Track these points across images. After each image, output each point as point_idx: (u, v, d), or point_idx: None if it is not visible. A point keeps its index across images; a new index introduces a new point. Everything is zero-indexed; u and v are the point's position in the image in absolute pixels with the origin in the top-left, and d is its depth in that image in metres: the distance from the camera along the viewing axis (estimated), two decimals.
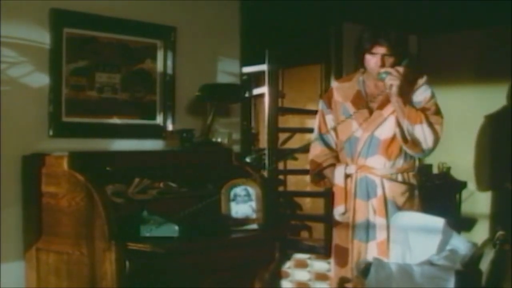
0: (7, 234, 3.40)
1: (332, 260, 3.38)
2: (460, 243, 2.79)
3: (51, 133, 3.59)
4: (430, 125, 3.06)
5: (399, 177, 3.18)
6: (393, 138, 3.15)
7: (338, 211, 3.27)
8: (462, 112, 5.64)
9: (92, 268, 3.16)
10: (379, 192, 3.15)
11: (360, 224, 3.17)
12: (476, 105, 5.79)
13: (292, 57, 5.97)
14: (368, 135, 3.17)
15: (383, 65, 3.11)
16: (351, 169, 3.22)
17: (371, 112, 3.20)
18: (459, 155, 5.74)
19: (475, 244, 2.80)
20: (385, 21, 3.26)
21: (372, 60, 3.14)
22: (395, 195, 3.16)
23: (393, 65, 3.11)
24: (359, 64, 3.26)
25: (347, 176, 3.23)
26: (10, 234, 3.42)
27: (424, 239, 2.83)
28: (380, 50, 3.11)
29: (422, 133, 3.05)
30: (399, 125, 3.09)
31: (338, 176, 3.26)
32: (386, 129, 3.15)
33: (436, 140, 3.09)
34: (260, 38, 4.98)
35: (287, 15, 5.33)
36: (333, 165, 3.33)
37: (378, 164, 3.17)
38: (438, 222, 2.81)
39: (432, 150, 3.13)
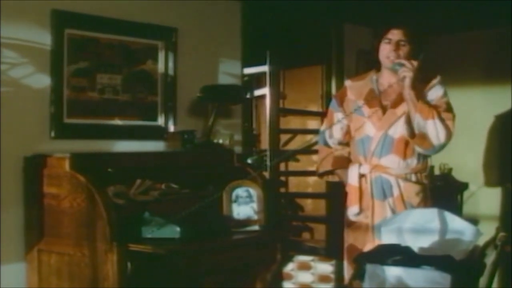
0: (8, 235, 3.39)
1: (345, 261, 3.33)
2: (463, 227, 2.70)
3: (52, 134, 3.58)
4: (442, 120, 3.04)
5: (413, 177, 3.16)
6: None
7: (352, 211, 3.21)
8: (465, 113, 5.61)
9: (93, 269, 3.15)
10: (396, 192, 3.12)
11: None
12: (480, 106, 5.77)
13: (293, 58, 5.98)
14: (382, 134, 3.14)
15: (397, 50, 3.09)
16: (365, 169, 3.18)
17: (384, 110, 3.17)
18: (460, 156, 5.72)
19: (479, 230, 2.72)
20: (387, 21, 3.24)
21: (386, 48, 3.13)
22: (410, 195, 3.14)
23: (408, 56, 3.09)
24: (369, 64, 3.24)
25: (361, 176, 3.19)
26: (11, 235, 3.41)
27: (420, 236, 2.76)
28: (396, 35, 3.10)
29: (434, 128, 3.02)
30: (408, 121, 3.07)
31: (351, 176, 3.22)
32: (400, 128, 3.13)
33: (449, 135, 3.06)
34: (261, 39, 4.99)
35: (288, 16, 5.32)
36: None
37: (392, 163, 3.14)
38: (431, 213, 2.70)
39: (443, 146, 3.09)
